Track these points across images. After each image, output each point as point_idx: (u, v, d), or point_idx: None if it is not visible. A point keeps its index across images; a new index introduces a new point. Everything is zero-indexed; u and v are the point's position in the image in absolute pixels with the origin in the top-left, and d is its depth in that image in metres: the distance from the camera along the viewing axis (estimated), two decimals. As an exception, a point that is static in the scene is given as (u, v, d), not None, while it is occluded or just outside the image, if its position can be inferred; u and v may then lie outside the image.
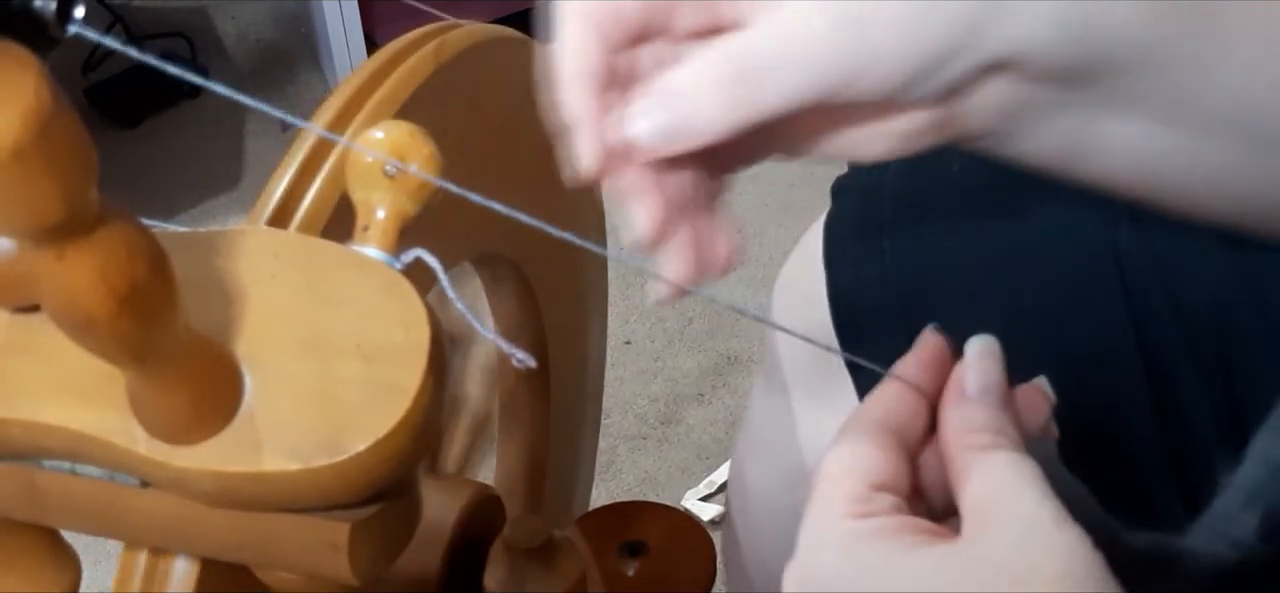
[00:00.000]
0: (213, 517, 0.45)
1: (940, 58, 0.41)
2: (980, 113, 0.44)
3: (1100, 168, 0.47)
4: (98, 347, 0.38)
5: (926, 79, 0.42)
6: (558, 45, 0.44)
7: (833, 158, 0.47)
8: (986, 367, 0.45)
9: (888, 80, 0.42)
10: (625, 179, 0.44)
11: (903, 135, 0.45)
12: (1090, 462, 0.58)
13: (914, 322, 0.50)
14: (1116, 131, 0.46)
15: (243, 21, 2.06)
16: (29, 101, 0.32)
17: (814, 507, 0.44)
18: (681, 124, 0.42)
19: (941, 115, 0.44)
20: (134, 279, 0.36)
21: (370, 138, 0.46)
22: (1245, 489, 0.51)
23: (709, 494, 1.40)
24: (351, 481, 0.42)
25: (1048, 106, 0.44)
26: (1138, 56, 0.43)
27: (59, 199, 0.33)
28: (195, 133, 1.87)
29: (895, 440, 0.45)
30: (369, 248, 0.45)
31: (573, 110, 0.43)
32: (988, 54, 0.42)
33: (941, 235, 0.62)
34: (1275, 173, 0.48)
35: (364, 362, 0.43)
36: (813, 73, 0.41)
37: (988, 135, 0.46)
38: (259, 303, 0.44)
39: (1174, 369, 0.58)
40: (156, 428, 0.42)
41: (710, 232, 0.45)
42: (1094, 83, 0.44)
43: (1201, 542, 0.51)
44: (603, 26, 0.44)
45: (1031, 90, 0.44)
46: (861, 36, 0.41)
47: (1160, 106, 0.45)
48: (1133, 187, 0.48)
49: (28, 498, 0.46)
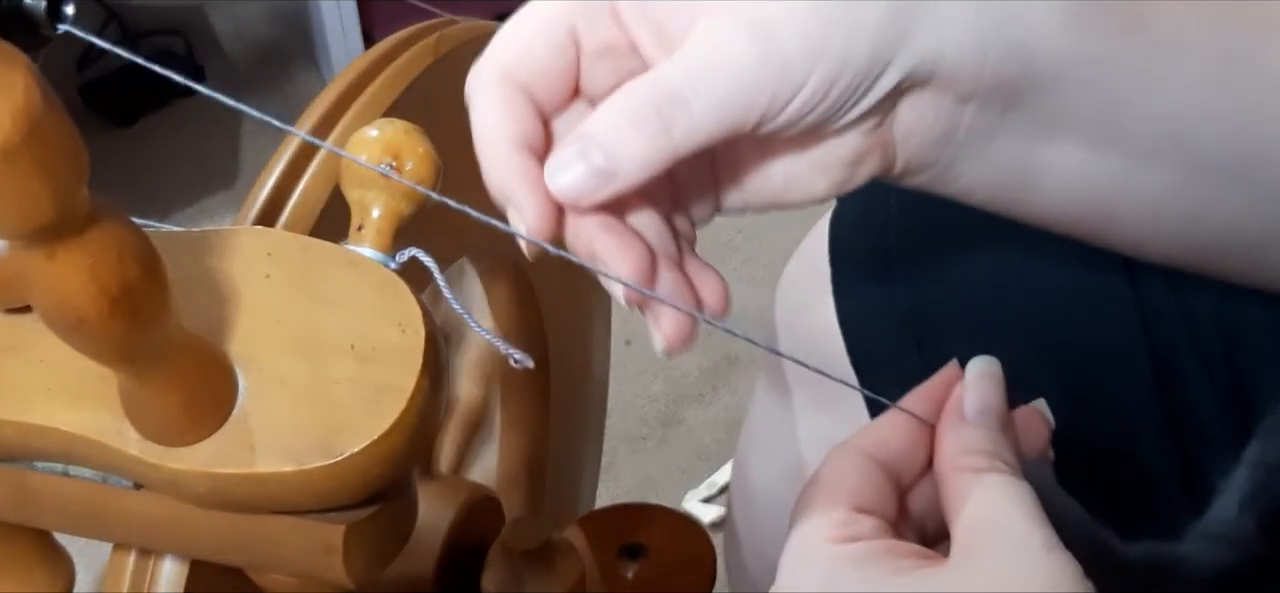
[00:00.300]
0: (206, 519, 0.44)
1: (853, 70, 0.41)
2: (914, 139, 0.44)
3: (1044, 202, 0.47)
4: (89, 347, 0.38)
5: (845, 96, 0.41)
6: (477, 118, 0.43)
7: (780, 203, 0.46)
8: (985, 389, 0.45)
9: (807, 98, 0.41)
10: (584, 241, 0.43)
11: (841, 166, 0.45)
12: (1098, 464, 0.58)
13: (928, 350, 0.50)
14: (1054, 160, 0.45)
15: (240, 19, 2.06)
16: (18, 101, 0.31)
17: (797, 530, 0.44)
18: (605, 168, 0.41)
19: (874, 143, 0.44)
20: (126, 279, 0.36)
21: (365, 136, 0.45)
22: (1242, 492, 0.51)
23: (710, 496, 1.40)
24: (346, 482, 0.42)
25: (981, 133, 0.44)
26: (1058, 70, 0.43)
27: (49, 199, 0.33)
28: (191, 131, 1.86)
29: (880, 468, 0.45)
30: (363, 247, 0.45)
31: (504, 181, 0.42)
32: (903, 67, 0.42)
33: (950, 262, 0.61)
34: (1214, 205, 0.48)
35: (359, 362, 0.42)
36: (730, 94, 0.41)
37: (926, 167, 0.45)
38: (252, 303, 0.43)
39: (1181, 370, 0.58)
40: (149, 429, 0.42)
41: (696, 276, 0.45)
42: (1020, 102, 0.44)
43: (1199, 547, 0.50)
44: (527, 83, 0.43)
45: (959, 112, 0.43)
46: (774, 53, 0.40)
47: (1092, 130, 0.45)
48: (1078, 221, 0.48)
49: (20, 500, 0.46)
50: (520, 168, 0.42)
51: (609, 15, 0.44)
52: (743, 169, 0.46)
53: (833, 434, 0.46)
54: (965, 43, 0.42)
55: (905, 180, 0.46)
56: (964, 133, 0.44)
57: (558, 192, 0.41)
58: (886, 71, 0.42)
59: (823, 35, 0.41)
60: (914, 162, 0.45)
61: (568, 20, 0.43)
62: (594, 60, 0.44)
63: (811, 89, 0.41)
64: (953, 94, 0.43)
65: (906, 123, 0.44)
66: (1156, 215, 0.48)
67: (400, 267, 0.45)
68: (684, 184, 0.46)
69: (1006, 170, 0.46)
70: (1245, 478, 0.51)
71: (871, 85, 0.42)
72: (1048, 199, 0.47)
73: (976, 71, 0.42)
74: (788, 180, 0.45)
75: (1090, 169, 0.46)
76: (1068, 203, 0.47)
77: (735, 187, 0.46)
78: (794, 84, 0.41)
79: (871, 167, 0.45)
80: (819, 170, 0.45)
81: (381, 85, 0.60)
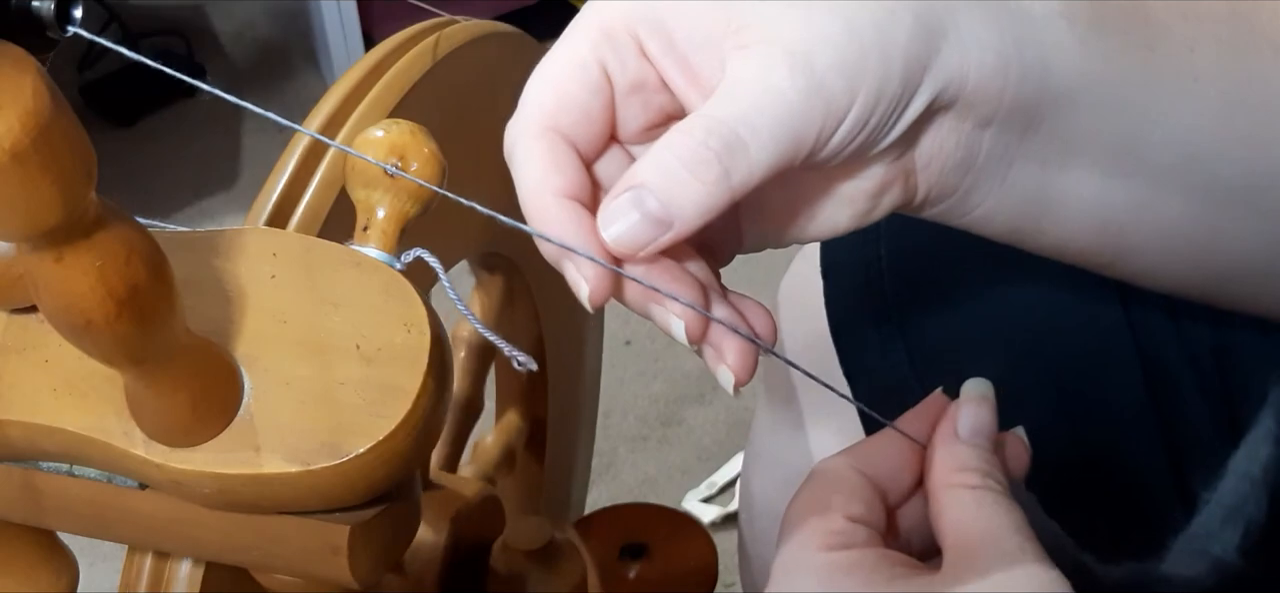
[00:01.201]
0: (211, 519, 0.44)
1: (889, 95, 0.41)
2: (935, 166, 0.44)
3: (1061, 231, 0.47)
4: (96, 349, 0.38)
5: (881, 121, 0.41)
6: (522, 174, 0.42)
7: (801, 238, 0.46)
8: (980, 411, 0.45)
9: (850, 126, 0.41)
10: (641, 288, 0.41)
11: (865, 198, 0.44)
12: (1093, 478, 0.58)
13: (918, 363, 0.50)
14: (1070, 187, 0.45)
15: (240, 19, 2.06)
16: (27, 104, 0.31)
17: (789, 539, 0.44)
18: (661, 216, 0.40)
19: (897, 173, 0.44)
20: (133, 282, 0.36)
21: (371, 136, 0.45)
22: (1225, 505, 0.51)
23: (710, 496, 1.40)
24: (352, 483, 0.42)
25: (1000, 159, 0.44)
26: (1075, 92, 0.43)
27: (57, 201, 0.33)
28: (192, 131, 1.86)
29: (868, 482, 0.45)
30: (369, 248, 0.45)
31: (559, 238, 0.41)
32: (932, 88, 0.41)
33: (951, 305, 0.61)
34: (1227, 234, 0.48)
35: (364, 363, 0.42)
36: (783, 132, 0.40)
37: (946, 195, 0.45)
38: (258, 304, 0.43)
39: (1174, 382, 0.58)
40: (155, 430, 0.42)
41: (741, 307, 0.44)
42: (1038, 125, 0.43)
43: (1181, 562, 0.51)
44: (569, 131, 0.42)
45: (979, 137, 0.43)
46: (817, 86, 0.40)
47: (1108, 155, 0.45)
48: (1093, 250, 0.48)
49: (25, 500, 0.46)
50: (575, 222, 0.41)
51: (636, 50, 0.42)
52: (766, 206, 0.45)
53: (833, 447, 0.46)
54: (988, 62, 0.42)
55: (925, 210, 0.46)
56: (983, 159, 0.44)
57: (612, 242, 0.40)
58: (918, 94, 0.41)
59: (859, 61, 0.40)
60: (935, 190, 0.45)
61: (598, 57, 0.42)
62: (625, 98, 0.43)
63: (854, 118, 0.40)
64: (974, 117, 0.43)
65: (927, 150, 0.44)
66: (1171, 244, 0.48)
67: (405, 267, 0.45)
68: (709, 225, 0.45)
69: (1024, 198, 0.45)
70: (1229, 489, 0.52)
71: (904, 109, 0.41)
72: (1064, 228, 0.47)
73: (999, 92, 0.42)
74: (811, 215, 0.45)
75: (1107, 196, 0.46)
76: (1084, 231, 0.47)
77: (758, 224, 0.46)
78: (838, 115, 0.40)
79: (894, 198, 0.44)
80: (843, 203, 0.45)
81: (385, 86, 0.60)
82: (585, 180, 0.42)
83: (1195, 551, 0.51)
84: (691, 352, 0.43)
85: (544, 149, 0.42)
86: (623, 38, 0.42)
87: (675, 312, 0.41)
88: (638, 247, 0.40)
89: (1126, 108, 0.44)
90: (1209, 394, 0.58)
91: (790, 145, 0.40)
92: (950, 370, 0.47)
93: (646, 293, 0.41)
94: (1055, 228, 0.47)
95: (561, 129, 0.42)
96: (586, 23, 0.43)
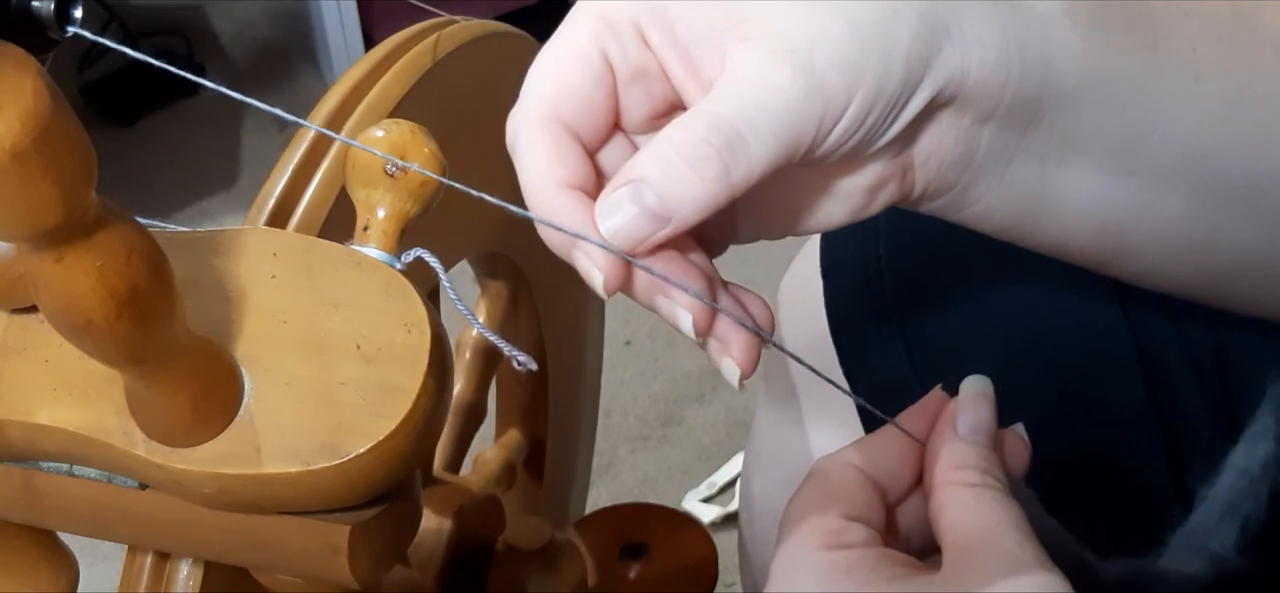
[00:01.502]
0: (211, 519, 0.44)
1: (888, 94, 0.40)
2: (933, 162, 0.44)
3: (1060, 229, 0.47)
4: (96, 349, 0.38)
5: (879, 120, 0.41)
6: (526, 165, 0.41)
7: (796, 231, 0.46)
8: (978, 408, 0.45)
9: (847, 126, 0.40)
10: (649, 278, 0.41)
11: (861, 193, 0.44)
12: (1093, 476, 0.58)
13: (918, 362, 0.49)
14: (1070, 185, 0.45)
15: (240, 19, 2.06)
16: (27, 104, 0.31)
17: (788, 538, 0.44)
18: (659, 210, 0.40)
19: (894, 168, 0.44)
20: (133, 282, 0.36)
21: (371, 136, 0.45)
22: (1223, 501, 0.51)
23: (710, 495, 1.40)
24: (352, 483, 0.42)
25: (999, 156, 0.44)
26: (1077, 89, 0.43)
27: (58, 202, 0.33)
28: (192, 131, 1.86)
29: (868, 480, 0.45)
30: (369, 248, 0.45)
31: (566, 226, 0.40)
32: (933, 86, 0.41)
33: (951, 304, 0.61)
34: (1227, 233, 0.48)
35: (364, 363, 0.42)
36: (783, 130, 0.40)
37: (944, 191, 0.45)
38: (258, 304, 0.43)
39: (1173, 379, 0.58)
40: (155, 430, 0.42)
41: (740, 297, 0.44)
42: (1038, 122, 0.43)
43: (1179, 559, 0.51)
44: (572, 121, 0.42)
45: (978, 133, 0.43)
46: (817, 85, 0.40)
47: (1109, 153, 0.45)
48: (1092, 249, 0.48)
49: (25, 500, 0.46)
50: (579, 213, 0.40)
51: (637, 39, 0.42)
52: (762, 199, 0.45)
53: (833, 446, 0.46)
54: (990, 60, 0.41)
55: (923, 205, 0.46)
56: (982, 155, 0.44)
57: (609, 234, 0.40)
58: (917, 92, 0.41)
59: (860, 60, 0.40)
60: (933, 185, 0.45)
61: (600, 45, 0.42)
62: (627, 87, 0.43)
63: (851, 116, 0.40)
64: (974, 113, 0.43)
65: (926, 146, 0.43)
66: (1171, 243, 0.48)
67: (406, 267, 0.45)
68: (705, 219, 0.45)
69: (1023, 195, 0.45)
70: (1227, 486, 0.52)
71: (903, 107, 0.41)
72: (1063, 226, 0.47)
73: (999, 89, 0.42)
74: (807, 208, 0.45)
75: (1106, 194, 0.46)
76: (1083, 230, 0.47)
77: (753, 217, 0.46)
78: (835, 113, 0.40)
79: (891, 193, 0.44)
80: (839, 198, 0.45)
81: (385, 86, 0.60)
82: (589, 170, 0.42)
83: (1193, 547, 0.51)
84: (692, 350, 0.43)
85: (547, 139, 0.41)
86: (624, 26, 0.42)
87: (682, 303, 0.41)
88: (635, 240, 0.40)
89: (1127, 106, 0.44)
90: (1208, 394, 0.58)
91: (790, 143, 0.40)
92: (950, 370, 0.47)
93: (654, 284, 0.41)
94: (1054, 225, 0.47)
95: (564, 119, 0.42)
96: (586, 11, 0.42)
